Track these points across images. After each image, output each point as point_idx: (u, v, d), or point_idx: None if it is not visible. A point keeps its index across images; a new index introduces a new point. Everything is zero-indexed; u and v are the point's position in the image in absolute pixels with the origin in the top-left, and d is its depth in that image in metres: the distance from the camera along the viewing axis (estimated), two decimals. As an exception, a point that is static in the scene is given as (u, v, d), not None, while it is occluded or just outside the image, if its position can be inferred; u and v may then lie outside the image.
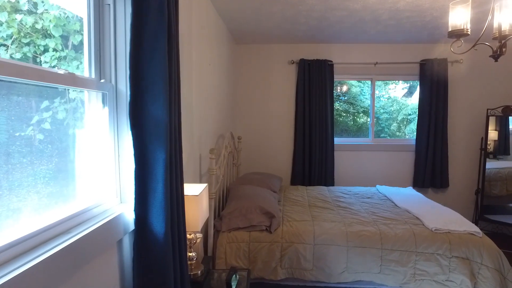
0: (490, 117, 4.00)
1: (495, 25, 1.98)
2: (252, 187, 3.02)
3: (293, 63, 4.28)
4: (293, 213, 2.89)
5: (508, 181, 3.99)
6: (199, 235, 1.89)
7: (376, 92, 4.45)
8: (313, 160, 4.19)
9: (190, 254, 1.74)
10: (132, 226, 1.31)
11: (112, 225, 1.20)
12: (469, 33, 1.92)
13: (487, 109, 4.02)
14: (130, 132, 1.21)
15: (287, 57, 4.31)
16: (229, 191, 3.13)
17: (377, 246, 2.38)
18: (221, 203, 3.10)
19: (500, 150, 4.05)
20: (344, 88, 4.76)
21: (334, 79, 4.26)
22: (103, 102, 1.33)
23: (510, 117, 3.94)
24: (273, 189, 3.28)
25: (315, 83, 4.16)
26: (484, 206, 4.11)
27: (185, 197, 1.52)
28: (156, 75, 1.22)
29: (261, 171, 4.39)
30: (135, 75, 1.20)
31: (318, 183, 4.19)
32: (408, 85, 4.68)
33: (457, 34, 1.94)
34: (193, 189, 1.68)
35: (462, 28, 1.92)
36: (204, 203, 1.71)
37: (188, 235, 1.72)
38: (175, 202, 1.35)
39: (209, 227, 2.52)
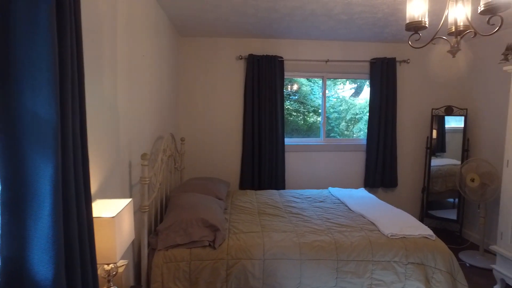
0: (434, 117, 4.09)
1: (450, 20, 1.87)
2: (194, 195, 2.67)
3: (241, 58, 3.99)
4: (241, 223, 2.60)
5: (447, 178, 4.10)
6: (123, 262, 1.52)
7: (326, 91, 4.34)
8: (262, 162, 3.94)
9: (109, 290, 1.37)
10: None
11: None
12: (426, 25, 1.77)
13: (432, 109, 4.09)
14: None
15: (235, 52, 4.02)
16: (169, 200, 2.76)
17: (333, 257, 2.18)
18: (161, 214, 2.72)
19: (438, 148, 4.15)
20: (295, 87, 4.59)
21: (285, 76, 4.06)
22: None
23: (446, 116, 4.06)
24: (219, 196, 2.96)
25: (264, 80, 3.92)
26: (428, 203, 4.20)
27: (95, 221, 1.15)
28: (37, 60, 0.84)
29: (207, 175, 4.04)
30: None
31: (269, 187, 3.95)
32: (356, 85, 4.66)
33: (415, 27, 1.78)
34: (110, 208, 1.31)
35: (420, 20, 1.77)
36: (126, 224, 1.35)
37: (106, 267, 1.34)
38: (76, 231, 0.98)
39: (142, 246, 2.13)
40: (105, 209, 1.30)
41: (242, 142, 4.05)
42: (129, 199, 1.43)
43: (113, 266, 1.35)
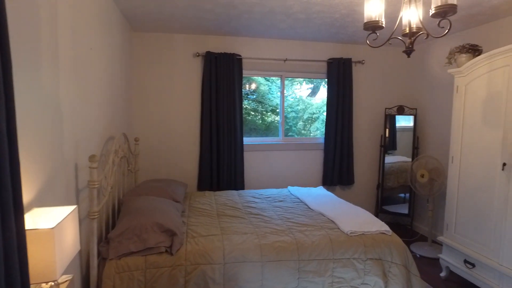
0: (387, 116, 4.26)
1: (405, 21, 1.93)
2: (149, 199, 2.52)
3: (198, 55, 3.86)
4: (199, 226, 2.49)
5: (399, 174, 4.31)
6: (67, 278, 1.36)
7: (284, 91, 4.34)
8: (221, 162, 3.85)
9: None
10: None
11: None
12: (383, 25, 1.81)
13: (385, 108, 4.26)
14: None
15: (192, 49, 3.88)
16: (122, 205, 2.57)
17: (294, 257, 2.16)
18: (113, 220, 2.54)
19: (390, 146, 4.35)
20: (253, 86, 4.55)
21: (243, 75, 4.00)
22: None
23: (397, 116, 4.26)
24: (176, 198, 2.83)
25: (222, 78, 3.83)
26: (383, 198, 4.38)
27: (29, 234, 1.00)
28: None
29: (163, 176, 3.87)
30: None
31: (228, 187, 3.87)
32: (312, 85, 4.73)
33: (372, 26, 1.81)
34: (50, 218, 1.15)
35: (377, 20, 1.80)
36: (70, 235, 1.20)
37: (44, 285, 1.18)
38: (1, 248, 0.84)
39: (90, 256, 1.95)
40: (43, 219, 1.15)
41: (199, 142, 3.93)
42: (74, 206, 1.28)
43: (52, 284, 1.19)
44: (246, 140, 4.12)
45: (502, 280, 2.52)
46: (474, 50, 2.94)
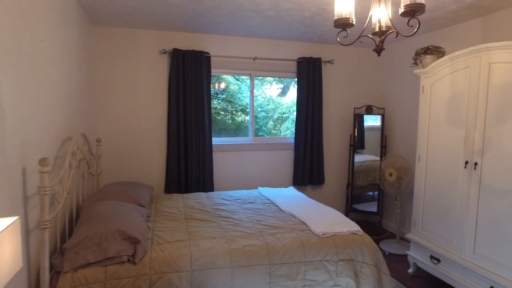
0: (356, 115, 4.31)
1: (374, 20, 1.92)
2: (111, 204, 2.35)
3: (165, 52, 3.70)
4: (166, 231, 2.36)
5: (367, 173, 4.38)
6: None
7: (254, 90, 4.28)
8: (189, 163, 3.71)
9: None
10: None
11: None
12: (353, 23, 1.78)
13: (354, 108, 4.31)
14: None
15: (158, 46, 3.71)
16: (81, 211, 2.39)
17: (265, 262, 2.09)
18: (71, 229, 2.34)
19: (358, 145, 4.41)
20: (222, 85, 4.44)
21: (212, 73, 3.89)
22: None
23: (365, 115, 4.32)
24: (141, 202, 2.67)
25: (190, 76, 3.69)
26: (352, 197, 4.43)
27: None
28: None
29: (128, 179, 3.67)
30: None
31: (196, 189, 3.74)
32: (282, 85, 4.70)
33: (343, 24, 1.77)
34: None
35: (347, 17, 1.77)
36: (7, 252, 1.05)
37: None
38: None
39: (41, 271, 1.76)
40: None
41: (166, 142, 3.77)
42: (14, 218, 1.13)
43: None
44: (215, 140, 4.01)
45: (464, 273, 2.60)
46: (438, 52, 3.02)
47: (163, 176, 3.80)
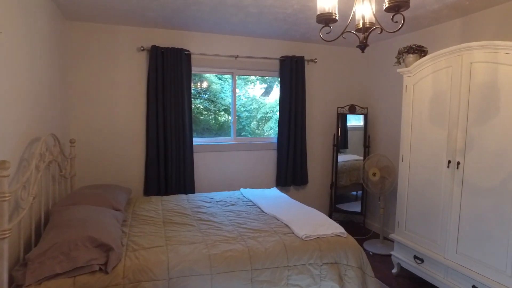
0: (339, 115, 4.28)
1: (358, 16, 1.86)
2: (83, 208, 2.21)
3: (143, 50, 3.56)
4: (142, 236, 2.24)
5: (351, 172, 4.36)
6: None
7: (237, 90, 4.19)
8: (169, 164, 3.59)
9: None
10: None
11: None
12: (337, 18, 1.72)
13: (337, 107, 4.28)
14: None
15: (136, 43, 3.57)
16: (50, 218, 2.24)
17: (247, 267, 2.00)
18: (38, 236, 2.19)
19: (341, 145, 4.39)
20: (204, 84, 4.33)
21: (192, 72, 3.77)
22: None
23: (348, 115, 4.30)
24: (117, 206, 2.53)
25: (170, 75, 3.56)
26: (336, 197, 4.40)
27: None
28: None
29: (105, 181, 3.51)
30: None
31: (177, 191, 3.62)
32: (266, 85, 4.64)
33: (326, 19, 1.71)
34: None
35: (330, 12, 1.70)
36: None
37: None
38: None
39: None
40: None
41: (145, 143, 3.63)
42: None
43: None
44: (197, 140, 3.90)
45: (447, 273, 2.59)
46: (421, 51, 3.00)
47: (142, 178, 3.65)
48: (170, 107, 3.57)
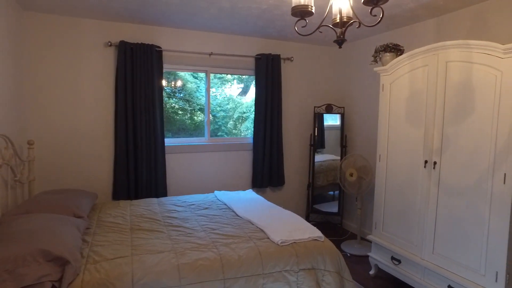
0: (316, 114, 4.22)
1: (335, 10, 1.77)
2: (37, 217, 2.00)
3: (111, 45, 3.34)
4: (106, 246, 2.06)
5: (328, 172, 4.32)
6: None
7: (213, 89, 4.04)
8: (139, 166, 3.39)
9: None
10: None
11: None
12: (313, 11, 1.62)
13: (314, 107, 4.21)
14: None
15: (103, 38, 3.34)
16: None
17: (219, 277, 1.87)
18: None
19: (318, 144, 4.34)
20: (179, 83, 4.15)
21: (164, 69, 3.59)
22: None
23: (324, 114, 4.25)
24: (78, 212, 2.33)
25: (140, 72, 3.37)
26: (313, 198, 4.34)
27: None
28: None
29: (69, 186, 3.27)
30: None
31: (148, 195, 3.43)
32: (243, 85, 4.52)
33: (301, 11, 1.61)
34: None
35: (306, 4, 1.60)
36: None
37: None
38: None
39: None
40: None
41: (114, 144, 3.41)
42: None
43: None
44: (169, 141, 3.72)
45: (424, 274, 2.57)
46: (397, 50, 2.97)
47: (110, 182, 3.43)
48: (141, 106, 3.37)
